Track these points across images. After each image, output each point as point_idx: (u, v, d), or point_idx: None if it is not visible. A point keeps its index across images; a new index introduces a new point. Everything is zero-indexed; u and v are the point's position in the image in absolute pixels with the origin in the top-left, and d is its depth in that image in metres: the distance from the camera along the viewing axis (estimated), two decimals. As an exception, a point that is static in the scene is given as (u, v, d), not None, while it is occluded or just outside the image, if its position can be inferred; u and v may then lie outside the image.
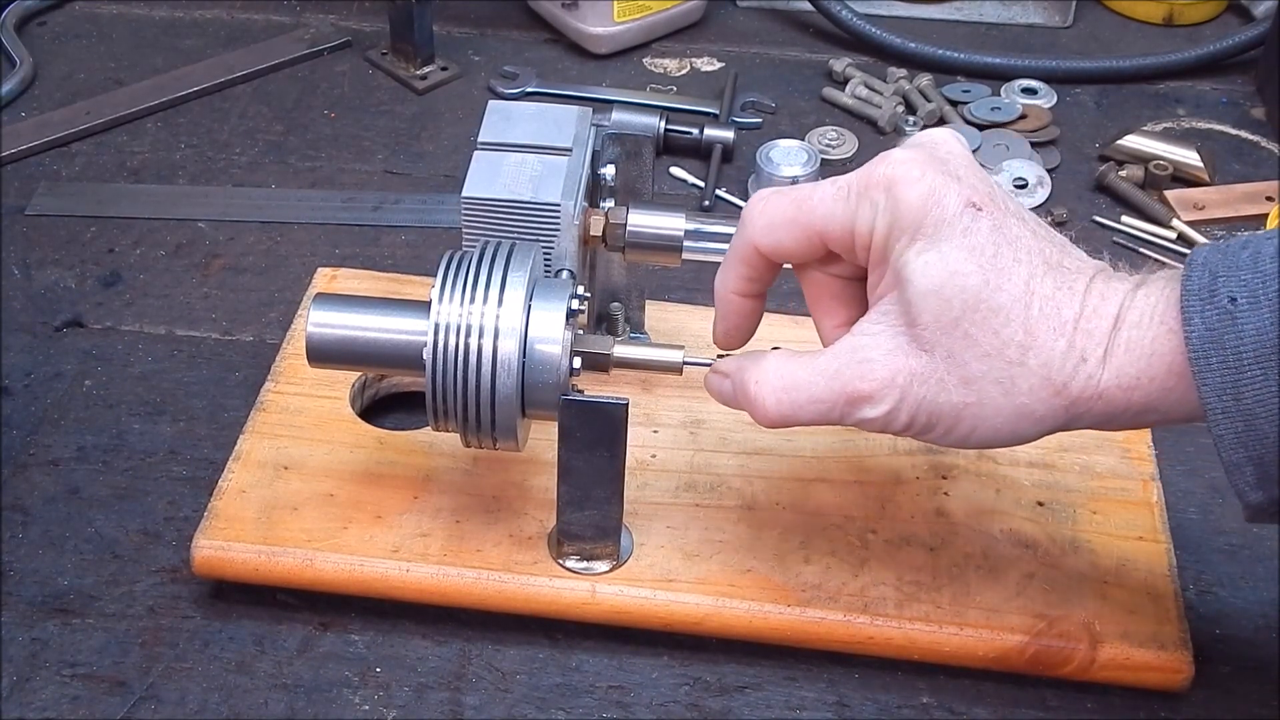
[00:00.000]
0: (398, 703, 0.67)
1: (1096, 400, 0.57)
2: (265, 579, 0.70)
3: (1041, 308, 0.57)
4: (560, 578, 0.69)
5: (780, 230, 0.63)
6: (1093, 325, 0.57)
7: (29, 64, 1.07)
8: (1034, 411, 0.58)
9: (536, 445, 0.72)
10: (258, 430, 0.75)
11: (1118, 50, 1.15)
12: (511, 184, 0.71)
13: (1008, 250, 0.58)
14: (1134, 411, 0.57)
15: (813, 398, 0.61)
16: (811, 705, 0.68)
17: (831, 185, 0.61)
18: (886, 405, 0.59)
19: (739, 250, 0.64)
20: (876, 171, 0.60)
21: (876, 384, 0.59)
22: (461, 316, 0.64)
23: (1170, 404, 0.57)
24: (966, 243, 0.57)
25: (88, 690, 0.67)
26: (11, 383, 0.82)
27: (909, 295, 0.58)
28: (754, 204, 0.63)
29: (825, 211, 0.61)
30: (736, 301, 0.66)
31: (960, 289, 0.57)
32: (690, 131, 1.02)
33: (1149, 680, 0.68)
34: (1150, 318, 0.56)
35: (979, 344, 0.57)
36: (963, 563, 0.71)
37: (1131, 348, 0.56)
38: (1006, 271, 0.57)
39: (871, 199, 0.60)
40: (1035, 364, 0.57)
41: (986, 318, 0.57)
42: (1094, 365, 0.57)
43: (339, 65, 1.10)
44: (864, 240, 0.60)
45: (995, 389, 0.58)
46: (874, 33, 1.11)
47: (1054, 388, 0.57)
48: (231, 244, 0.93)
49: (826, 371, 0.61)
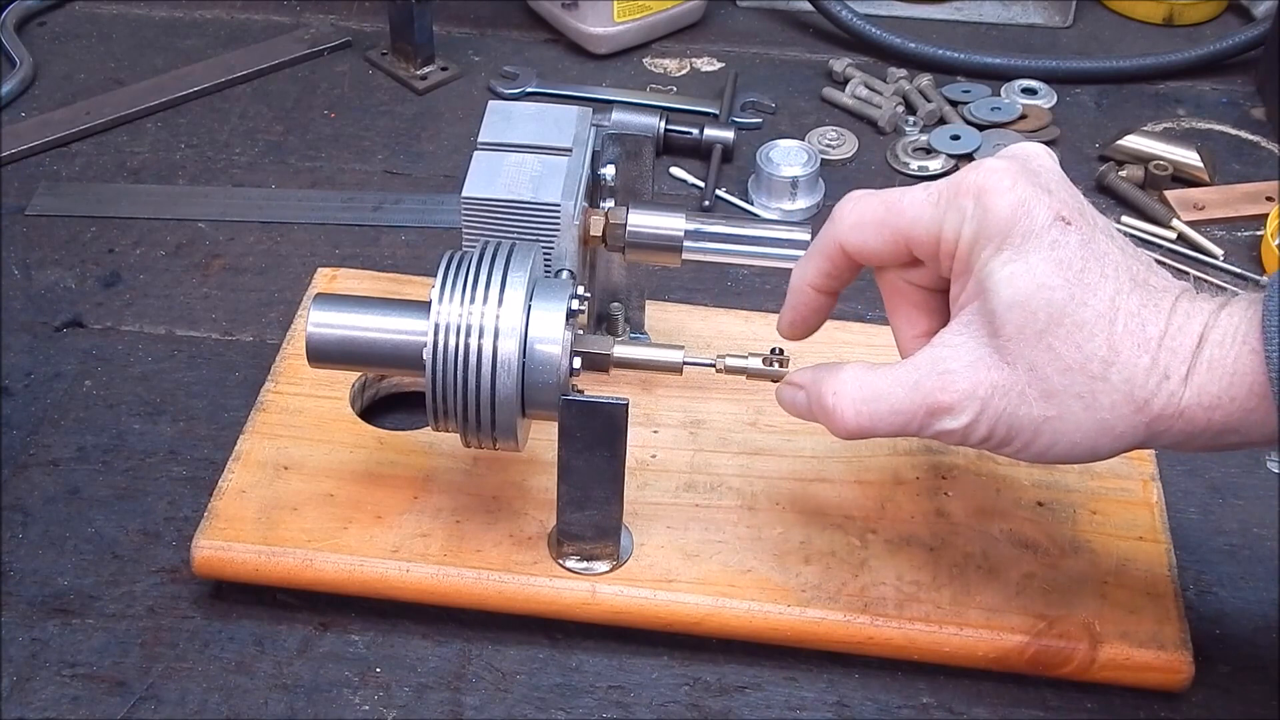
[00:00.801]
0: (398, 703, 0.67)
1: (1177, 419, 0.57)
2: (265, 579, 0.70)
3: (1126, 324, 0.57)
4: (560, 578, 0.69)
5: (868, 230, 0.63)
6: (1177, 343, 0.56)
7: (29, 64, 1.07)
8: (1114, 428, 0.57)
9: (536, 445, 0.72)
10: (258, 430, 0.75)
11: (1118, 50, 1.15)
12: (511, 184, 0.71)
13: (1095, 266, 0.57)
14: (1214, 432, 0.57)
15: (893, 409, 0.61)
16: (811, 705, 0.68)
17: (923, 190, 0.62)
18: (967, 417, 0.59)
19: (823, 246, 0.64)
20: (968, 179, 0.60)
21: (958, 395, 0.59)
22: (461, 316, 0.64)
23: (1251, 425, 0.56)
24: (1054, 256, 0.57)
25: (88, 690, 0.67)
26: (11, 383, 0.82)
27: (993, 306, 0.58)
28: (845, 202, 0.64)
29: (913, 215, 0.61)
30: (810, 295, 0.66)
31: (1046, 302, 0.57)
32: (690, 131, 1.02)
33: (1149, 680, 0.68)
34: (1233, 337, 0.56)
35: (1062, 357, 0.57)
36: (963, 563, 0.71)
37: (1214, 367, 0.56)
38: (1093, 287, 0.57)
39: (960, 205, 0.59)
40: (1118, 379, 0.57)
41: (1071, 332, 0.57)
42: (1176, 383, 0.56)
43: (339, 65, 1.10)
44: (949, 247, 0.60)
45: (1077, 403, 0.57)
46: (874, 33, 1.11)
47: (1136, 404, 0.57)
48: (231, 244, 0.93)
49: (907, 383, 0.61)
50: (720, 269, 0.91)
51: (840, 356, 0.81)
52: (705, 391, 0.79)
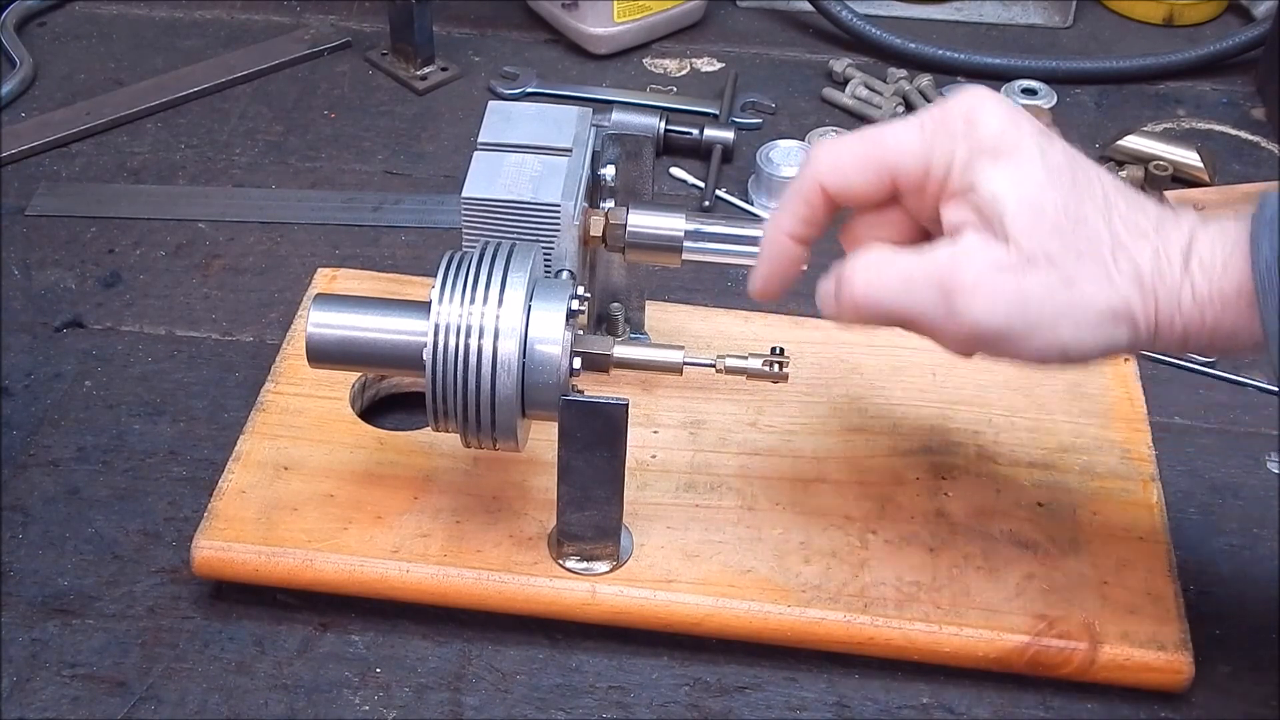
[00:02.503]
0: (398, 703, 0.67)
1: (1177, 311, 0.59)
2: (265, 579, 0.70)
3: (1122, 218, 0.60)
4: (560, 578, 0.69)
5: (849, 167, 0.63)
6: (1169, 237, 0.59)
7: (29, 64, 1.07)
8: (1126, 313, 0.59)
9: (536, 445, 0.72)
10: (258, 431, 0.75)
11: (1118, 50, 1.15)
12: (511, 184, 0.71)
13: (1081, 171, 0.61)
14: (1208, 330, 0.59)
15: (902, 274, 0.61)
16: (811, 705, 0.68)
17: (904, 122, 0.63)
18: (984, 298, 0.59)
19: (801, 190, 0.64)
20: (953, 104, 0.62)
21: (976, 274, 0.59)
22: (461, 317, 0.64)
23: (1239, 327, 0.58)
24: (1046, 162, 0.60)
25: (88, 690, 0.67)
26: (11, 383, 0.82)
27: (1001, 210, 0.59)
28: (820, 144, 0.64)
29: (899, 145, 0.62)
30: (787, 245, 0.66)
31: (1051, 199, 0.59)
32: (690, 132, 1.02)
33: (1149, 680, 0.68)
34: (1221, 241, 0.59)
35: (1074, 247, 0.59)
36: (963, 563, 0.71)
37: (1204, 265, 0.58)
38: (1086, 186, 0.60)
39: (949, 129, 0.61)
40: (1126, 264, 0.59)
41: (1078, 224, 0.59)
42: (1178, 271, 0.59)
43: (339, 65, 1.10)
44: (940, 172, 0.61)
45: (1093, 287, 0.59)
46: (874, 33, 1.11)
47: (1145, 290, 0.59)
48: (231, 244, 0.93)
49: (926, 256, 0.61)
50: (720, 269, 0.91)
51: (840, 356, 0.81)
52: (705, 391, 0.79)
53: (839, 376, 0.80)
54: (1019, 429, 0.78)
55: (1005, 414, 0.79)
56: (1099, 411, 0.79)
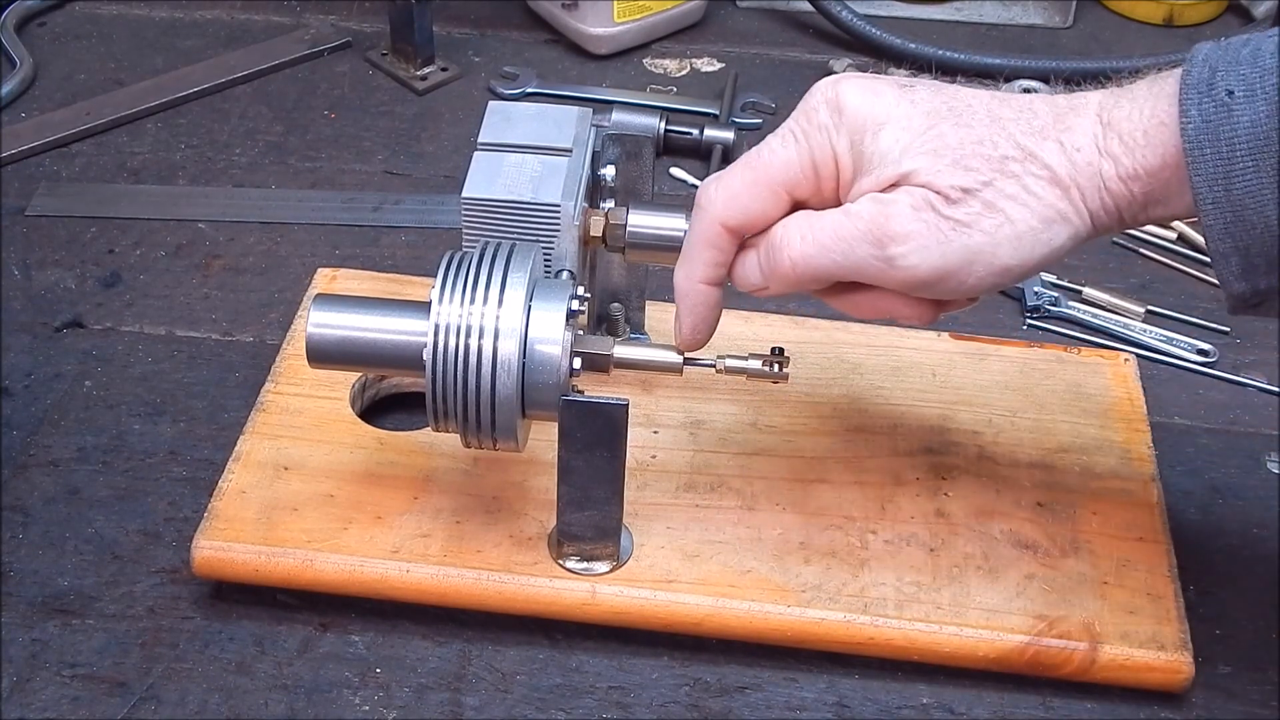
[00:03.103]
0: (398, 703, 0.67)
1: (1104, 193, 0.59)
2: (265, 579, 0.70)
3: (1015, 125, 0.60)
4: (560, 578, 0.69)
5: (743, 197, 0.63)
6: (1073, 125, 0.60)
7: (29, 64, 1.07)
8: (1057, 212, 0.59)
9: (536, 445, 0.72)
10: (258, 431, 0.75)
11: (1118, 50, 1.15)
12: (511, 184, 0.71)
13: (956, 100, 0.61)
14: (1140, 203, 0.60)
15: (837, 234, 0.61)
16: (811, 705, 0.68)
17: (775, 137, 0.64)
18: (917, 241, 0.60)
19: (704, 235, 0.65)
20: (811, 103, 0.63)
21: (905, 221, 0.60)
22: (461, 317, 0.64)
23: (1170, 195, 0.59)
24: (919, 109, 0.61)
25: (88, 691, 0.67)
26: (11, 383, 0.82)
27: (901, 168, 0.60)
28: (706, 186, 0.65)
29: (781, 160, 0.63)
30: (705, 292, 0.66)
31: (940, 136, 0.60)
32: (690, 132, 1.02)
33: (1149, 681, 0.68)
34: (1141, 113, 0.59)
35: (981, 172, 0.59)
36: (963, 563, 0.71)
37: (1125, 140, 0.59)
38: (967, 112, 0.61)
39: (819, 125, 0.62)
40: (1037, 169, 0.59)
41: (975, 149, 0.60)
42: (1092, 156, 0.59)
43: (339, 66, 1.10)
44: (829, 169, 0.62)
45: (1013, 204, 0.59)
46: (874, 33, 1.11)
47: (1063, 184, 0.59)
48: (231, 244, 0.93)
49: (852, 213, 0.61)
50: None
51: (839, 357, 0.81)
52: (705, 392, 0.79)
53: (839, 376, 0.80)
54: (1019, 429, 0.78)
55: (1005, 414, 0.79)
56: (1099, 411, 0.79)
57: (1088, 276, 0.92)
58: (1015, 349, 0.83)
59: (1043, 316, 0.90)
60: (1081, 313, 0.90)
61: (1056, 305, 0.90)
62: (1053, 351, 0.83)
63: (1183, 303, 0.91)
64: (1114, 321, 0.90)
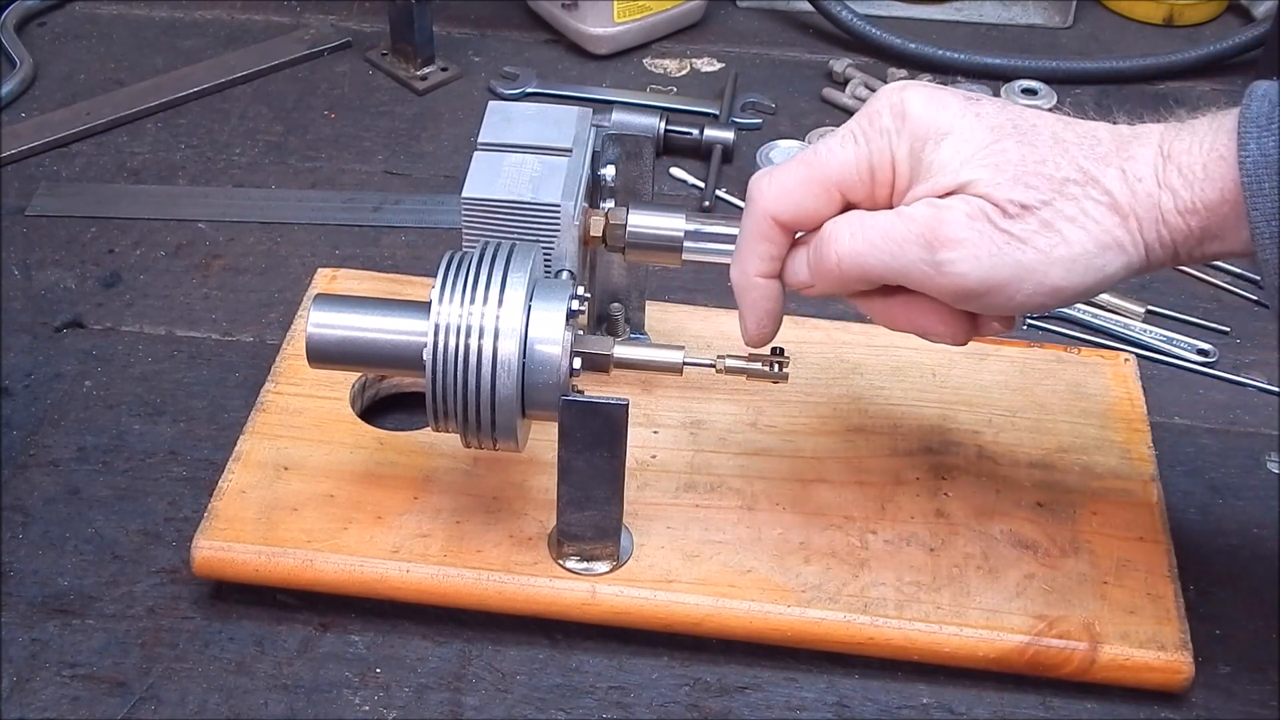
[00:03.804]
0: (398, 703, 0.67)
1: (1161, 225, 0.59)
2: (265, 579, 0.70)
3: (1079, 149, 0.60)
4: (560, 578, 0.69)
5: (795, 193, 0.63)
6: (1134, 154, 0.59)
7: (29, 64, 1.07)
8: (1112, 239, 0.59)
9: (536, 445, 0.72)
10: (258, 431, 0.75)
11: (1118, 50, 1.15)
12: (511, 184, 0.71)
13: (1022, 119, 0.61)
14: (1196, 239, 0.59)
15: (886, 234, 0.61)
16: (811, 705, 0.68)
17: (835, 137, 0.63)
18: (969, 250, 0.59)
19: (755, 228, 0.64)
20: (877, 105, 0.62)
21: (959, 228, 0.59)
22: (461, 317, 0.64)
23: (1227, 230, 0.58)
24: (984, 123, 0.61)
25: (88, 690, 0.67)
26: (11, 383, 0.82)
27: (961, 178, 0.60)
28: (758, 179, 0.64)
29: (839, 160, 0.62)
30: (763, 285, 0.66)
31: (1003, 151, 0.60)
32: (690, 132, 1.02)
33: (1149, 681, 0.68)
34: (1201, 146, 0.58)
35: (1042, 190, 0.59)
36: (963, 563, 0.71)
37: (1184, 173, 0.58)
38: (1031, 131, 0.60)
39: (882, 129, 0.62)
40: (1097, 194, 0.59)
41: (1037, 168, 0.59)
42: (1151, 187, 0.59)
43: (339, 66, 1.10)
44: (885, 174, 0.62)
45: (1069, 226, 0.59)
46: (874, 33, 1.11)
47: (1122, 213, 0.59)
48: (231, 244, 0.93)
49: (907, 215, 0.61)
50: (720, 269, 0.90)
51: (840, 357, 0.81)
52: (705, 392, 0.79)
53: (839, 376, 0.80)
54: (1019, 429, 0.78)
55: (1005, 414, 0.79)
56: (1099, 411, 0.79)
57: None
58: (1015, 349, 0.83)
59: (1043, 316, 0.90)
60: (1081, 313, 0.90)
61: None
62: (1053, 351, 0.83)
63: (1183, 303, 0.91)
64: (1114, 321, 0.90)
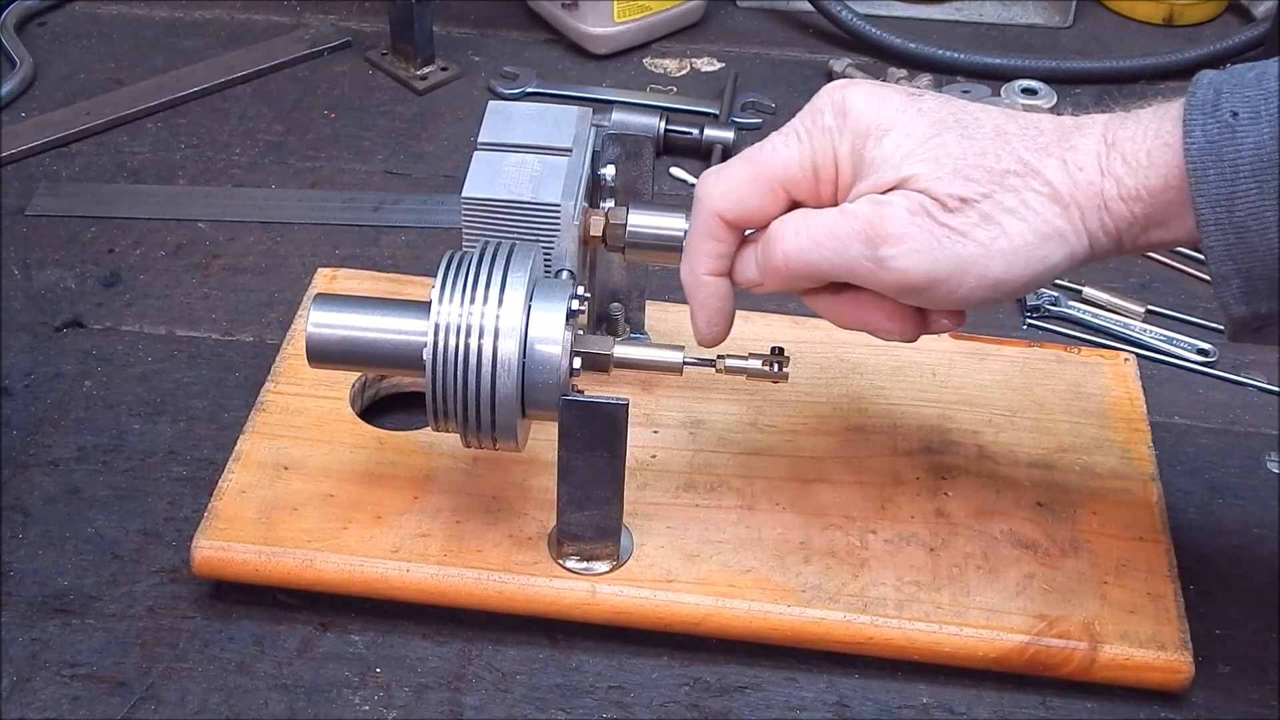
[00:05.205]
0: (398, 703, 0.67)
1: (1104, 213, 0.59)
2: (265, 579, 0.70)
3: (1020, 140, 0.60)
4: (560, 578, 0.69)
5: (741, 190, 0.64)
6: (1076, 144, 0.60)
7: (29, 64, 1.07)
8: (1054, 229, 0.59)
9: (536, 445, 0.72)
10: (258, 430, 0.75)
11: (1118, 50, 1.15)
12: (511, 184, 0.71)
13: (963, 113, 0.61)
14: (1140, 225, 0.59)
15: (830, 232, 0.61)
16: (811, 705, 0.68)
17: (779, 135, 0.64)
18: (909, 246, 0.59)
19: (703, 227, 0.65)
20: (820, 103, 0.63)
21: (900, 223, 0.60)
22: (461, 317, 0.64)
23: (1171, 217, 0.59)
24: (925, 118, 0.61)
25: (88, 690, 0.67)
26: (11, 383, 0.82)
27: (901, 173, 0.60)
28: (705, 178, 0.65)
29: (782, 158, 0.63)
30: (712, 284, 0.66)
31: (943, 146, 0.60)
32: (690, 132, 1.02)
33: (1149, 680, 0.68)
34: (1145, 134, 0.59)
35: (982, 184, 0.59)
36: (963, 563, 0.71)
37: (1129, 160, 0.59)
38: (973, 124, 0.61)
39: (824, 127, 0.62)
40: (1038, 185, 0.59)
41: (977, 161, 0.60)
42: (1093, 175, 0.59)
43: (339, 65, 1.10)
44: (828, 171, 0.62)
45: (1010, 218, 0.59)
46: (874, 33, 1.11)
47: (1063, 203, 0.59)
48: (231, 244, 0.93)
49: (850, 212, 0.61)
50: (720, 269, 0.91)
51: (839, 356, 0.81)
52: (705, 391, 0.79)
53: (839, 376, 0.80)
54: (1019, 429, 0.78)
55: (1005, 414, 0.79)
56: (1099, 411, 0.79)
57: (1088, 276, 0.92)
58: (1015, 349, 0.83)
59: (1043, 316, 0.90)
60: (1081, 312, 0.90)
61: (1056, 305, 0.90)
62: (1053, 351, 0.83)
63: (1183, 303, 0.91)
64: (1114, 321, 0.90)
